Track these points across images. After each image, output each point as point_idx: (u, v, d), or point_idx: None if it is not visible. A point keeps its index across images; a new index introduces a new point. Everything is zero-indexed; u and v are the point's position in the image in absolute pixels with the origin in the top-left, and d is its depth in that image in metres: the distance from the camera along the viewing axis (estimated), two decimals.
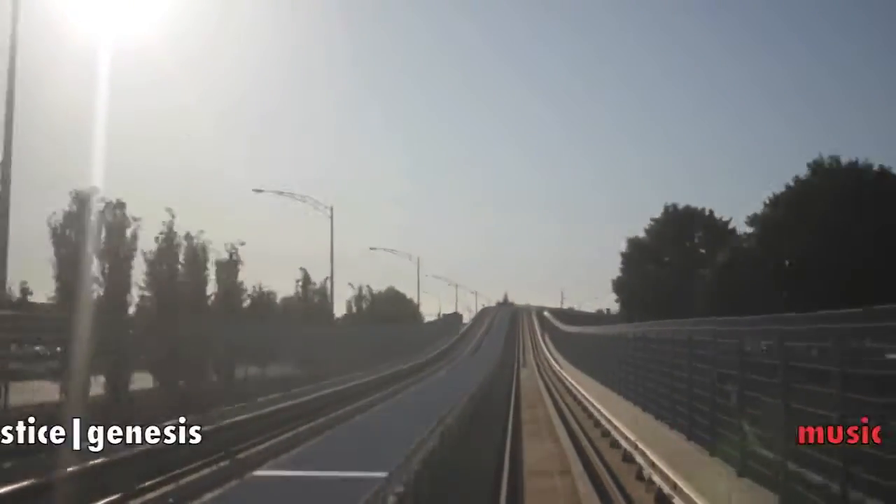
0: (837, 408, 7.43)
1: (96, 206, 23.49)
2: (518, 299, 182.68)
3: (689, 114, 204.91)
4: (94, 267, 23.48)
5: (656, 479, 13.28)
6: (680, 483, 11.67)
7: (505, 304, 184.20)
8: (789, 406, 8.50)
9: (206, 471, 15.70)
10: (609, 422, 21.97)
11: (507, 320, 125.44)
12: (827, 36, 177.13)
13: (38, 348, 21.47)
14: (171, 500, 13.26)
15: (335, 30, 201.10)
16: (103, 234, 24.05)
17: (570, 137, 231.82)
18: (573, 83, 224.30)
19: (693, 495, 10.82)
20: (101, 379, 22.24)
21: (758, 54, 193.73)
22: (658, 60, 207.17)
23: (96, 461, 13.11)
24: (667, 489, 12.37)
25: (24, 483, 12.09)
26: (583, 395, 31.54)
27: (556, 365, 56.52)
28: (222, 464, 16.31)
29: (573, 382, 38.65)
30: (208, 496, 10.72)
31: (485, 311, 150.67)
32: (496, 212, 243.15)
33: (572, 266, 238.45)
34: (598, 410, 25.02)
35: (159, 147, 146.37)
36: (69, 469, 12.57)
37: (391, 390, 35.24)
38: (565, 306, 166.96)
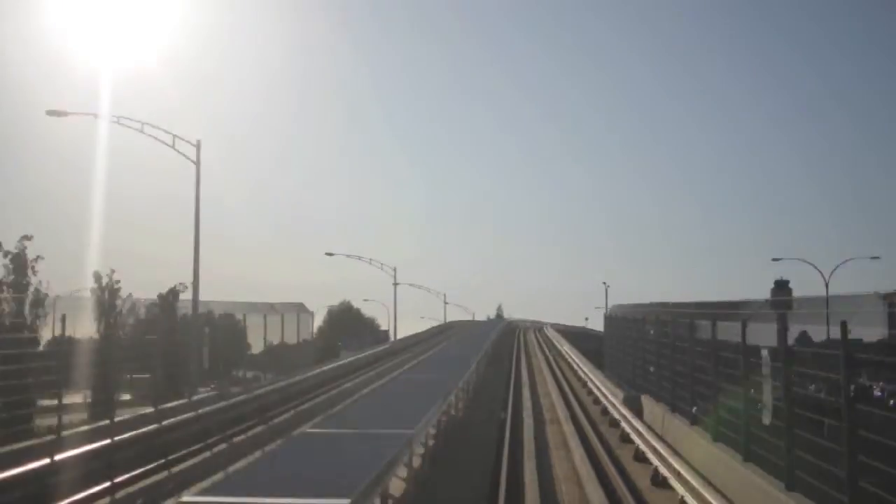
0: None
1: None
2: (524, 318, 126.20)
3: (697, 139, 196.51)
4: None
5: None
6: None
7: (498, 319, 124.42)
8: None
9: None
10: None
11: (491, 349, 50.15)
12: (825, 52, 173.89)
13: None
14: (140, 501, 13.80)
15: (343, 59, 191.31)
16: None
17: (578, 161, 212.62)
18: (581, 103, 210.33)
19: None
20: None
21: (767, 80, 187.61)
22: (664, 87, 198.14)
23: None
24: None
25: None
26: None
27: None
28: None
29: None
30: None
31: (449, 328, 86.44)
32: (503, 233, 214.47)
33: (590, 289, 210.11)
34: None
35: (161, 179, 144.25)
36: None
37: None
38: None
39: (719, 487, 12.11)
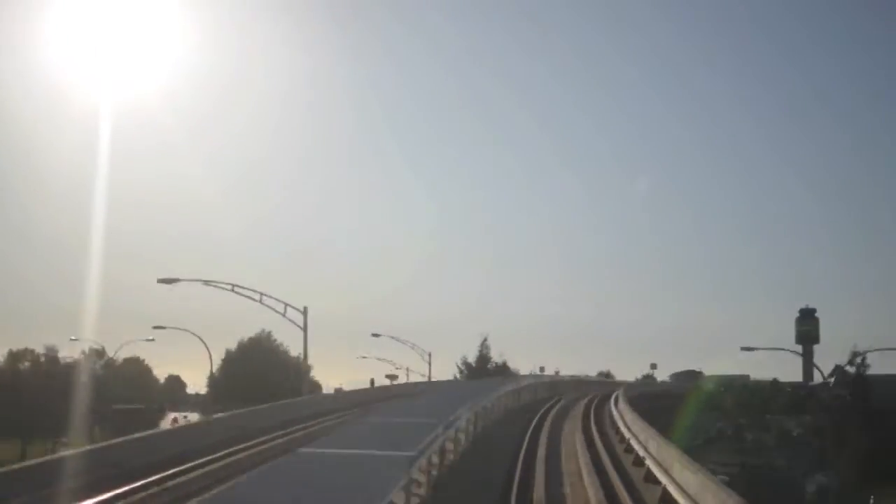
0: None
1: None
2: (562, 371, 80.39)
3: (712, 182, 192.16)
4: None
5: None
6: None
7: (481, 380, 57.65)
8: None
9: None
10: None
11: None
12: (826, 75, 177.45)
13: None
14: None
15: (347, 91, 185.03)
16: None
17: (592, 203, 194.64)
18: (575, 111, 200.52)
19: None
20: None
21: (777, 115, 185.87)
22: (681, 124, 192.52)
23: None
24: None
25: None
26: None
27: None
28: None
29: None
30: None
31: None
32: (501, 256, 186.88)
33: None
34: None
35: (162, 216, 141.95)
36: None
37: None
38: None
39: None
